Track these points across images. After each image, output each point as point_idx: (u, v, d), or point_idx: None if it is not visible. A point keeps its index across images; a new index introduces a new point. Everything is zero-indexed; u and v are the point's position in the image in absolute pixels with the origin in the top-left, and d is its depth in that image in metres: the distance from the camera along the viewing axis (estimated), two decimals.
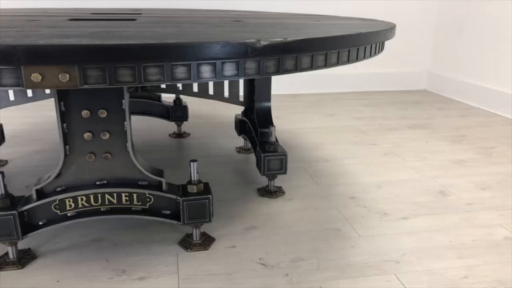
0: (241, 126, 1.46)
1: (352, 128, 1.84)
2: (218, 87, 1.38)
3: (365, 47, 0.81)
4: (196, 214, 0.92)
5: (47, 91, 1.38)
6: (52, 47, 0.52)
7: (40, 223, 0.88)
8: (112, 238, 0.99)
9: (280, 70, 0.65)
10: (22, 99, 1.30)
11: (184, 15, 1.24)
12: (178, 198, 0.91)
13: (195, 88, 1.44)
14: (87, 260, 0.91)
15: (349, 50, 0.76)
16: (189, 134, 1.73)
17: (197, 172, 0.93)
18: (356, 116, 2.04)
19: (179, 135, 1.71)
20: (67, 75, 0.54)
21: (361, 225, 1.06)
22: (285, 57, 0.65)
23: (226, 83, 1.38)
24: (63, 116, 0.83)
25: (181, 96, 1.61)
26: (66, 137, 0.85)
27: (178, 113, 1.65)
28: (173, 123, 1.70)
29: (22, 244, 0.93)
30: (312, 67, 0.70)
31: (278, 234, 1.02)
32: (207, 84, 1.41)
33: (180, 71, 0.58)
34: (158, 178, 0.91)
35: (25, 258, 0.90)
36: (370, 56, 0.85)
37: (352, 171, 1.38)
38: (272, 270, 0.88)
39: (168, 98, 1.68)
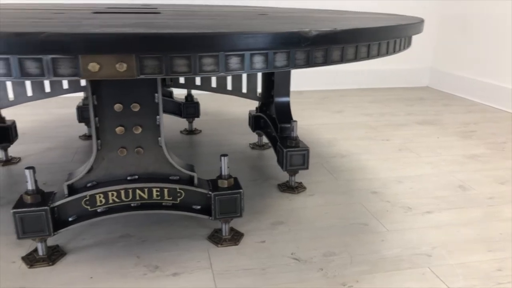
0: (256, 122, 1.45)
1: (362, 124, 1.85)
2: (236, 82, 1.37)
3: (401, 39, 0.81)
4: (227, 209, 0.91)
5: (65, 86, 1.36)
6: (111, 36, 0.51)
7: (70, 219, 0.87)
8: (140, 234, 0.98)
9: (328, 61, 0.65)
10: (39, 94, 1.28)
11: (204, 9, 1.23)
12: (210, 192, 0.90)
13: (214, 83, 1.43)
14: (118, 257, 0.90)
15: (387, 42, 0.76)
16: (200, 131, 1.72)
17: (228, 167, 0.92)
18: (364, 112, 2.05)
19: (191, 131, 1.69)
20: (125, 65, 0.53)
21: (387, 220, 1.06)
22: (333, 47, 0.65)
23: (244, 78, 1.37)
24: (96, 110, 0.82)
25: (192, 93, 1.60)
26: (98, 132, 0.84)
27: (190, 109, 1.64)
28: (184, 119, 1.69)
29: (50, 241, 0.91)
30: (356, 58, 0.69)
31: (305, 229, 1.01)
32: (225, 79, 1.40)
33: (234, 61, 0.57)
34: (190, 173, 0.90)
35: (54, 255, 0.89)
36: (404, 48, 0.85)
37: (369, 167, 1.39)
38: (305, 265, 0.88)
39: (179, 94, 1.66)
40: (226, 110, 2.00)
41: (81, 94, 1.65)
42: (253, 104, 1.51)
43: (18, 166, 1.35)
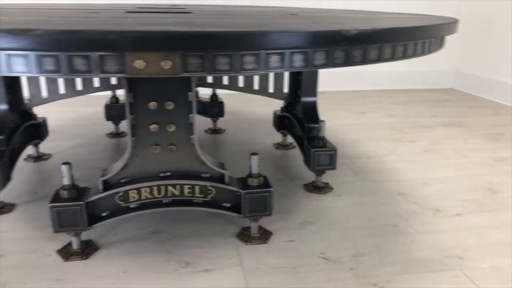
0: (280, 122, 1.45)
1: (386, 126, 1.83)
2: (263, 82, 1.38)
3: (436, 39, 0.81)
4: (257, 207, 0.92)
5: (96, 84, 1.39)
6: (158, 34, 0.52)
7: (104, 214, 0.89)
8: (170, 231, 0.99)
9: (365, 60, 0.65)
10: (71, 92, 1.31)
11: (232, 9, 1.24)
12: (240, 190, 0.91)
13: (241, 83, 1.44)
14: (149, 252, 0.91)
15: (423, 42, 0.76)
16: (224, 130, 1.73)
17: (258, 165, 0.93)
18: (388, 113, 2.03)
19: (215, 131, 1.71)
20: (169, 62, 0.54)
21: (416, 221, 1.05)
22: (371, 47, 0.65)
23: (271, 77, 1.37)
24: (132, 107, 0.83)
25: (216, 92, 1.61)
26: (133, 129, 0.85)
27: (214, 109, 1.65)
28: (208, 119, 1.70)
29: (83, 235, 0.93)
30: (392, 58, 0.69)
31: (334, 229, 1.01)
32: (252, 78, 1.41)
33: (274, 59, 0.58)
34: (221, 171, 0.91)
35: (88, 249, 0.90)
36: (438, 49, 0.85)
37: (396, 168, 1.38)
38: (335, 264, 0.88)
39: (203, 94, 1.68)
40: (249, 110, 2.01)
41: (108, 93, 1.67)
42: (274, 104, 1.52)
43: (49, 162, 1.39)
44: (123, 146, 1.57)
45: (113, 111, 1.57)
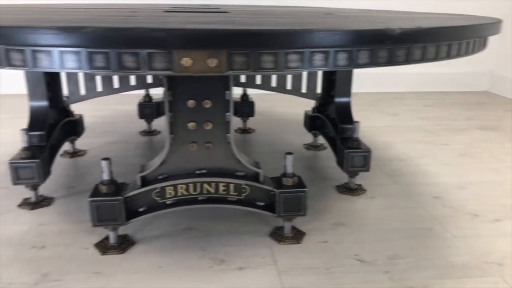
0: (312, 122, 1.45)
1: (418, 128, 1.80)
2: (296, 81, 1.38)
3: (480, 40, 0.79)
4: (291, 207, 0.92)
5: (132, 82, 1.42)
6: (206, 32, 0.53)
7: (140, 209, 0.90)
8: (203, 228, 1.00)
9: (409, 60, 0.64)
10: (108, 90, 1.34)
11: (267, 9, 1.24)
12: (274, 190, 0.91)
13: (273, 82, 1.44)
14: (183, 248, 0.92)
15: (467, 42, 0.74)
16: (254, 130, 1.73)
17: (293, 165, 0.93)
18: (420, 116, 2.00)
19: (245, 130, 1.71)
20: (215, 60, 0.54)
21: (453, 226, 1.03)
22: (415, 46, 0.64)
23: (304, 77, 1.37)
24: (171, 105, 0.85)
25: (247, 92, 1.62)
26: (172, 126, 0.86)
27: (245, 109, 1.66)
28: (238, 118, 1.71)
29: (119, 230, 0.94)
30: (436, 58, 0.68)
31: (368, 231, 1.00)
32: (285, 78, 1.41)
33: (318, 58, 0.58)
34: (256, 170, 0.91)
35: (124, 244, 0.92)
36: (481, 49, 0.83)
37: (430, 171, 1.35)
38: (370, 266, 0.87)
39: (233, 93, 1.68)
40: (277, 111, 2.01)
41: (140, 92, 1.69)
42: (302, 105, 1.51)
43: (84, 158, 1.42)
44: (155, 144, 1.59)
45: (146, 109, 1.59)
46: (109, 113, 1.93)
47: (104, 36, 0.52)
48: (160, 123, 1.67)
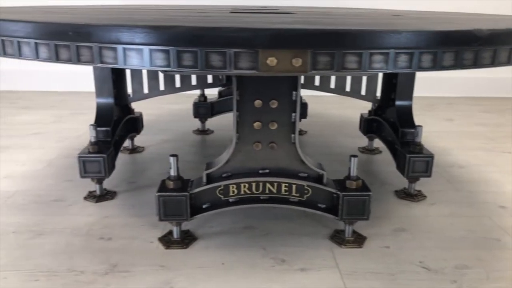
0: (368, 125, 1.42)
1: (477, 135, 1.73)
2: (356, 84, 1.36)
3: None
4: (354, 210, 0.91)
5: (193, 82, 1.45)
6: (292, 32, 0.53)
7: (204, 206, 0.92)
8: (263, 227, 1.00)
9: (495, 62, 0.62)
10: (170, 89, 1.38)
11: (329, 11, 1.23)
12: (338, 192, 0.90)
13: (332, 84, 1.43)
14: (244, 246, 0.93)
15: None
16: (306, 132, 1.73)
17: (356, 168, 0.91)
18: (478, 122, 1.92)
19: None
20: (300, 60, 0.54)
21: None
22: (501, 48, 0.61)
23: (364, 80, 1.35)
24: (238, 105, 0.86)
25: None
26: (238, 126, 0.88)
27: None
28: None
29: (182, 225, 0.97)
30: None
31: (431, 238, 0.97)
32: (344, 80, 1.39)
33: (402, 59, 0.57)
34: (320, 171, 0.91)
35: (187, 239, 0.94)
36: None
37: (493, 179, 1.30)
38: (436, 275, 0.84)
39: None
40: (329, 113, 2.00)
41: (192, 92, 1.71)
42: (354, 107, 1.49)
43: (143, 154, 1.47)
44: (208, 143, 1.62)
45: (201, 109, 1.62)
46: (161, 112, 1.97)
47: (194, 35, 0.53)
48: (214, 122, 1.70)
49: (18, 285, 0.80)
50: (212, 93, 1.65)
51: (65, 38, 0.57)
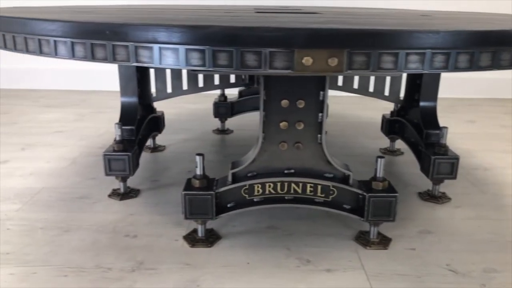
0: (390, 126, 1.41)
1: (501, 137, 1.71)
2: (379, 84, 1.35)
3: None
4: (380, 212, 0.90)
5: (216, 81, 1.46)
6: (328, 31, 0.53)
7: (229, 205, 0.92)
8: (286, 227, 1.00)
9: None
10: (193, 88, 1.38)
11: (355, 11, 1.23)
12: (364, 193, 0.89)
13: (355, 84, 1.42)
14: (269, 246, 0.93)
15: None
16: (326, 132, 1.71)
17: (383, 169, 0.91)
18: (500, 124, 1.89)
19: None
20: (336, 60, 0.54)
21: None
22: None
23: (388, 80, 1.34)
24: (265, 104, 0.86)
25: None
26: (264, 125, 0.88)
27: None
28: None
29: (207, 224, 0.97)
30: None
31: (457, 241, 0.96)
32: (368, 80, 1.39)
33: (438, 59, 0.56)
34: (346, 172, 0.91)
35: (211, 238, 0.95)
36: None
37: None
38: (464, 278, 0.83)
39: None
40: (349, 113, 1.98)
41: (216, 92, 1.73)
42: (374, 108, 1.47)
43: (164, 153, 1.48)
44: (228, 143, 1.63)
45: (221, 108, 1.62)
46: (181, 111, 1.99)
47: (230, 35, 0.53)
48: (233, 122, 1.70)
49: (48, 280, 0.81)
50: (232, 93, 1.66)
51: (101, 37, 0.58)
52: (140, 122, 1.23)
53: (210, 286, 0.81)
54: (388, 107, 1.42)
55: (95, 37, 0.59)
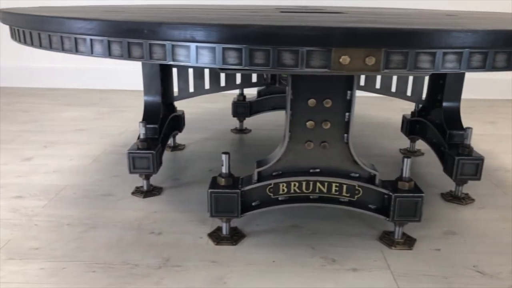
0: (411, 126, 1.40)
1: None
2: (402, 84, 1.35)
3: None
4: (406, 212, 0.90)
5: (238, 81, 1.46)
6: (366, 30, 0.53)
7: (254, 204, 0.93)
8: (309, 226, 1.00)
9: None
10: (215, 88, 1.39)
11: (378, 11, 1.22)
12: (390, 193, 0.89)
13: (378, 84, 1.42)
14: (293, 245, 0.93)
15: None
16: None
17: (409, 170, 0.91)
18: None
19: None
20: (373, 59, 0.54)
21: None
22: None
23: (410, 80, 1.33)
24: (291, 104, 0.86)
25: None
26: (291, 125, 0.88)
27: None
28: None
29: (231, 222, 0.97)
30: None
31: (483, 242, 0.96)
32: (390, 80, 1.38)
33: (476, 59, 0.56)
34: (372, 171, 0.90)
35: (236, 236, 0.95)
36: None
37: None
38: (492, 280, 0.83)
39: None
40: (368, 114, 1.98)
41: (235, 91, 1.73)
42: (392, 109, 1.46)
43: (184, 152, 1.49)
44: (246, 142, 1.63)
45: (240, 108, 1.63)
46: (199, 111, 2.00)
47: (268, 34, 0.54)
48: (251, 122, 1.70)
49: (78, 275, 0.83)
50: (250, 92, 1.66)
51: (138, 36, 0.59)
52: (162, 121, 1.24)
53: (237, 283, 0.81)
54: (405, 108, 1.42)
55: (132, 35, 0.59)
